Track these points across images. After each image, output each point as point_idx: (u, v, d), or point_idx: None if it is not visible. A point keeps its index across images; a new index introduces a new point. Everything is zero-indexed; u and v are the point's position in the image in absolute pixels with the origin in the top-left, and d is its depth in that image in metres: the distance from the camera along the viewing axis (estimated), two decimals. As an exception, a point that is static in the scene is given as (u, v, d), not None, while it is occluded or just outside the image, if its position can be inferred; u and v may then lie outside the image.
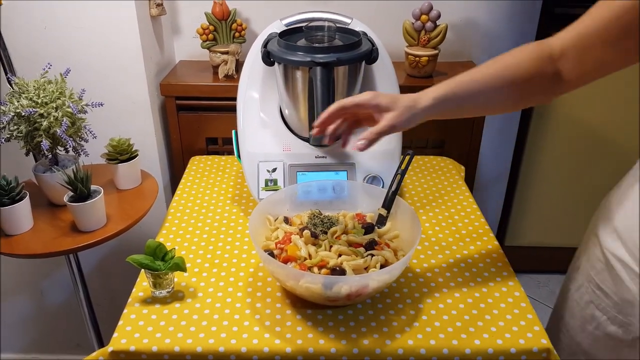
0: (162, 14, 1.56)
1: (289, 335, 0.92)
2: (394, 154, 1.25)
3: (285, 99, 1.22)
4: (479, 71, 0.89)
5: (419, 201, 1.34)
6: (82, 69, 1.47)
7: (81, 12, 1.42)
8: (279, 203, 1.11)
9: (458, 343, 0.90)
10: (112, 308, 1.89)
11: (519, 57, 0.88)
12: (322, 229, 1.02)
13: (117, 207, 1.31)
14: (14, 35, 1.43)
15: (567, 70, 0.85)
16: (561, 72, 0.86)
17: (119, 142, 1.34)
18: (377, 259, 0.95)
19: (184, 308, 0.98)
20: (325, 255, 0.94)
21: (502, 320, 0.95)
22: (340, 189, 1.16)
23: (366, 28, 1.26)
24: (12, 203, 1.17)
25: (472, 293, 1.02)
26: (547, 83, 0.87)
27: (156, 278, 0.98)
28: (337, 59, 1.10)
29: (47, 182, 1.27)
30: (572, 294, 1.02)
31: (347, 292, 0.89)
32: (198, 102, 1.60)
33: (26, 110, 1.15)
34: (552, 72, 0.86)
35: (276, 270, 0.94)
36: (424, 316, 0.96)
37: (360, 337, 0.92)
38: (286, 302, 0.99)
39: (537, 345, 0.91)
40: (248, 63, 1.28)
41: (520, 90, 0.89)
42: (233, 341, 0.90)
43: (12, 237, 1.20)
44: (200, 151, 1.66)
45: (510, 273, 1.08)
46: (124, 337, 0.91)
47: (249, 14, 1.70)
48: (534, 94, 0.90)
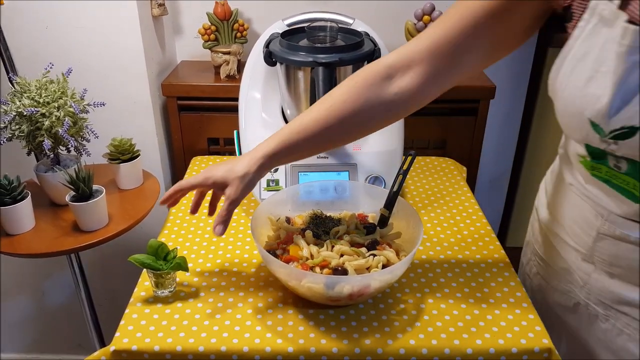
0: (163, 14, 1.56)
1: (291, 334, 0.92)
2: (395, 155, 1.26)
3: (287, 99, 1.22)
4: (309, 116, 0.88)
5: (421, 202, 1.34)
6: (84, 69, 1.47)
7: (83, 12, 1.42)
8: (280, 203, 1.11)
9: (459, 343, 0.90)
10: (114, 308, 1.89)
11: (342, 97, 0.87)
12: (324, 229, 1.02)
13: (118, 207, 1.31)
14: (15, 34, 1.43)
15: (417, 80, 0.86)
16: (408, 85, 0.87)
17: (120, 142, 1.34)
18: (379, 259, 0.95)
19: (186, 307, 0.98)
20: (327, 255, 0.94)
21: (503, 320, 0.95)
22: (342, 189, 1.16)
23: (368, 28, 1.26)
24: (14, 203, 1.17)
25: (474, 293, 1.02)
26: (388, 105, 0.88)
27: (158, 278, 0.98)
28: (340, 59, 1.10)
29: (49, 181, 1.27)
30: (524, 267, 1.12)
31: (349, 292, 0.89)
32: (200, 102, 1.60)
33: (28, 110, 1.16)
34: (392, 93, 0.87)
35: (278, 270, 0.94)
36: (425, 316, 0.96)
37: (362, 336, 0.92)
38: (288, 302, 0.99)
39: (539, 345, 0.90)
40: (250, 63, 1.28)
41: (357, 124, 0.90)
42: (235, 340, 0.90)
43: (14, 237, 1.20)
44: (202, 151, 1.66)
45: (511, 274, 1.08)
46: (126, 337, 0.91)
47: (250, 14, 1.70)
48: (376, 119, 0.91)
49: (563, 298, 1.00)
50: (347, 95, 0.87)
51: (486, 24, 0.82)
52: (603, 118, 0.74)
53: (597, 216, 0.87)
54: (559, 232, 0.99)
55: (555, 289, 1.02)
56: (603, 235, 0.86)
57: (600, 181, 0.84)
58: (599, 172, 0.84)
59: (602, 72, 0.73)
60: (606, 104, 0.73)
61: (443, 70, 0.86)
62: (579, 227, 0.92)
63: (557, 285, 1.01)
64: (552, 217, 1.02)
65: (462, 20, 0.82)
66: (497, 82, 1.59)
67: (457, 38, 0.83)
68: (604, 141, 0.76)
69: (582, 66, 0.76)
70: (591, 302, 0.94)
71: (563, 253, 0.98)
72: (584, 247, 0.91)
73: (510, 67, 1.79)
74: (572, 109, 0.79)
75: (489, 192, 2.05)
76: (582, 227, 0.91)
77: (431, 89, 0.88)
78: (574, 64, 0.78)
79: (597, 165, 0.83)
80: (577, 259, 0.94)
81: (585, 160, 0.85)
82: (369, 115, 0.88)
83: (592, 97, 0.75)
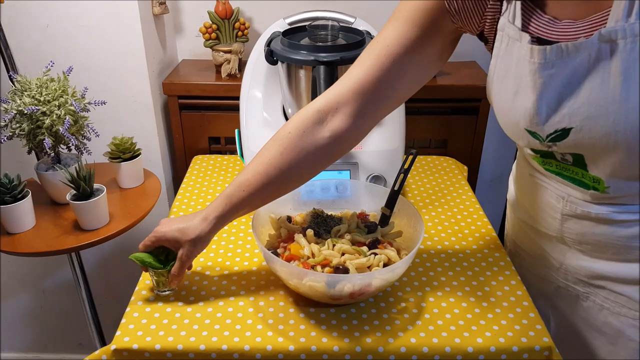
0: (164, 12, 1.56)
1: (292, 333, 0.92)
2: (396, 154, 1.25)
3: (289, 98, 1.22)
4: (250, 170, 0.91)
5: (422, 200, 1.34)
6: (85, 68, 1.47)
7: (83, 10, 1.42)
8: (282, 202, 1.11)
9: (460, 341, 0.90)
10: (114, 307, 1.90)
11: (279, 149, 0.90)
12: (325, 228, 1.02)
13: (119, 206, 1.31)
14: (16, 33, 1.43)
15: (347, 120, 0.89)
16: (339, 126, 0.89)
17: (121, 141, 1.34)
18: (380, 258, 0.95)
19: (187, 306, 0.97)
20: (329, 254, 0.94)
21: (504, 319, 0.95)
22: (343, 188, 1.16)
23: (369, 27, 1.26)
24: (14, 201, 1.17)
25: (475, 292, 1.02)
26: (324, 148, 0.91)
27: (159, 277, 0.98)
28: (341, 58, 1.10)
29: (50, 180, 1.27)
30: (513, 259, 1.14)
31: (350, 291, 0.89)
32: (201, 101, 1.60)
33: (28, 108, 1.16)
34: (325, 136, 0.90)
35: (280, 269, 0.94)
36: (426, 314, 0.96)
37: (363, 335, 0.91)
38: (289, 301, 0.99)
39: (539, 344, 0.90)
40: (251, 62, 1.28)
41: (296, 172, 0.92)
42: (236, 339, 0.90)
43: (14, 236, 1.20)
44: (203, 150, 1.66)
45: (512, 272, 1.08)
46: (127, 335, 0.91)
47: (252, 13, 1.70)
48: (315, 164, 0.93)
49: (544, 284, 1.06)
50: (283, 147, 0.89)
51: (403, 58, 0.87)
52: (537, 126, 0.80)
53: (558, 199, 0.92)
54: (529, 221, 1.04)
55: (536, 276, 1.08)
56: (567, 216, 0.92)
57: (552, 174, 0.90)
58: (551, 167, 0.90)
59: (523, 86, 0.79)
60: (534, 114, 0.78)
61: (370, 107, 0.90)
62: (545, 212, 0.97)
63: (537, 272, 1.07)
64: (521, 208, 1.08)
65: (380, 58, 0.86)
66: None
67: (378, 76, 0.87)
68: (544, 144, 0.82)
69: (507, 83, 0.82)
70: (570, 282, 0.99)
71: (537, 240, 1.03)
72: (553, 230, 0.96)
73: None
74: (508, 120, 0.85)
75: (490, 191, 2.05)
76: (547, 212, 0.96)
77: (362, 126, 0.92)
78: (500, 81, 0.84)
79: (548, 160, 0.89)
80: (550, 242, 1.00)
81: (537, 157, 0.91)
82: (307, 162, 0.91)
83: (521, 109, 0.80)
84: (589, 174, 0.83)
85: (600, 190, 0.84)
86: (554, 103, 0.77)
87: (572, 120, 0.76)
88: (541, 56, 0.74)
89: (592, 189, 0.85)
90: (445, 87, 1.59)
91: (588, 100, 0.73)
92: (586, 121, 0.75)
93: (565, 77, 0.74)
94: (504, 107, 0.85)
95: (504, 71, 0.83)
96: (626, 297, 0.92)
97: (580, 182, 0.86)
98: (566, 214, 0.92)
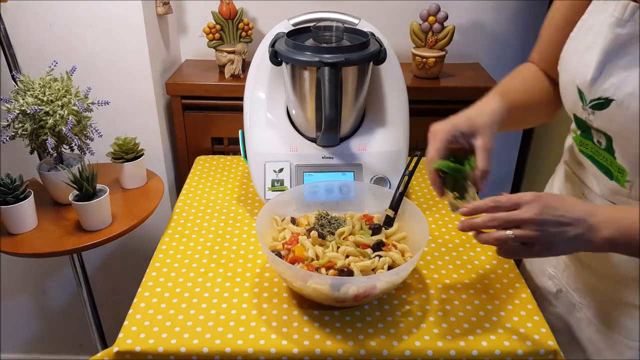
0: (168, 12, 1.56)
1: (296, 336, 0.91)
2: (401, 155, 1.25)
3: (293, 99, 1.22)
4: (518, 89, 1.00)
5: (426, 202, 1.33)
6: (88, 67, 1.47)
7: (87, 10, 1.42)
8: (285, 204, 1.11)
9: (465, 345, 0.90)
10: (116, 308, 1.89)
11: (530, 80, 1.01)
12: (329, 230, 1.02)
13: (122, 207, 1.30)
14: (19, 32, 1.43)
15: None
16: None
17: (124, 141, 1.34)
18: (384, 260, 0.94)
19: (190, 308, 0.97)
20: (333, 256, 0.94)
21: (509, 322, 0.95)
22: (347, 189, 1.15)
23: (374, 29, 1.25)
24: (17, 202, 1.17)
25: (479, 294, 1.02)
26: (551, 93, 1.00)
27: (459, 186, 0.89)
28: (345, 60, 1.09)
29: (52, 180, 1.27)
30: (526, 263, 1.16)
31: (354, 293, 0.89)
32: (204, 101, 1.60)
33: (31, 108, 1.15)
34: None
35: (284, 271, 0.93)
36: (431, 317, 0.96)
37: (367, 338, 0.91)
38: (293, 303, 0.98)
39: (544, 347, 0.90)
40: (255, 63, 1.28)
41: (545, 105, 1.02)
42: (240, 342, 0.89)
43: (16, 236, 1.19)
44: (206, 151, 1.66)
45: (517, 275, 1.07)
46: (130, 338, 0.90)
47: (255, 13, 1.69)
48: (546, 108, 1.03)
49: (549, 283, 1.07)
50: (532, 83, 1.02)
51: (570, 19, 0.90)
52: (587, 86, 0.81)
53: (579, 194, 0.94)
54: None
55: (543, 273, 1.09)
56: None
57: (586, 157, 0.91)
58: (585, 148, 0.90)
59: (598, 43, 0.79)
60: (592, 73, 0.79)
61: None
62: None
63: (545, 269, 1.08)
64: None
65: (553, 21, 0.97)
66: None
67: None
68: (584, 110, 0.83)
69: (585, 38, 0.83)
70: (570, 288, 1.01)
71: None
72: None
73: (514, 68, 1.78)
74: (568, 76, 0.87)
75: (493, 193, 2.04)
76: None
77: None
78: (581, 36, 0.85)
79: (585, 141, 0.89)
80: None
81: (577, 135, 0.91)
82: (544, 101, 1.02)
83: (584, 66, 0.81)
84: (616, 162, 0.82)
85: (621, 183, 0.84)
86: (610, 67, 0.77)
87: (617, 91, 0.76)
88: (620, 11, 0.75)
89: (615, 179, 0.85)
90: (449, 89, 1.58)
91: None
92: (628, 98, 0.75)
93: (630, 43, 0.75)
94: (570, 61, 0.86)
95: (587, 27, 0.83)
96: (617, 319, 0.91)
97: (607, 170, 0.85)
98: None
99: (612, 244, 0.75)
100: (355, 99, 1.20)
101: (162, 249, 1.14)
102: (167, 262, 1.09)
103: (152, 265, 1.09)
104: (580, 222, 0.74)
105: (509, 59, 1.77)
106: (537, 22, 1.74)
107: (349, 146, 1.24)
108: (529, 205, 0.75)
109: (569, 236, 0.74)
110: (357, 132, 1.26)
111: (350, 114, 1.22)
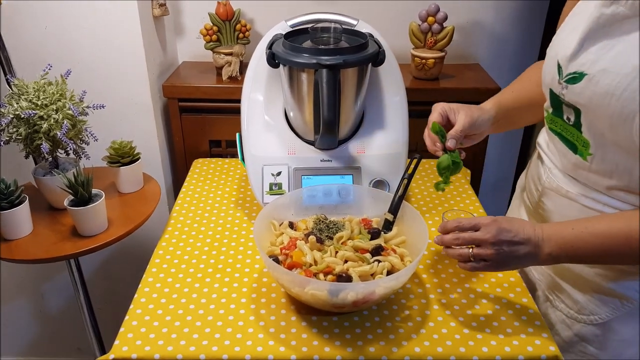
0: (165, 14, 1.55)
1: (294, 342, 0.90)
2: (400, 158, 1.24)
3: (290, 101, 1.21)
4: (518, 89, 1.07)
5: (425, 205, 1.32)
6: (83, 70, 1.46)
7: (82, 12, 1.41)
8: (283, 207, 1.10)
9: (466, 350, 0.89)
10: (113, 312, 1.88)
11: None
12: (327, 234, 1.01)
13: (118, 211, 1.29)
14: (13, 35, 1.42)
15: None
16: None
17: (120, 145, 1.33)
18: (383, 265, 0.93)
19: (187, 314, 0.96)
20: (331, 262, 0.93)
21: (509, 327, 0.94)
22: (346, 193, 1.14)
23: (372, 29, 1.24)
24: (11, 207, 1.16)
25: (480, 299, 1.01)
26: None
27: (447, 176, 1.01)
28: (344, 61, 1.08)
29: (47, 185, 1.25)
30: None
31: (353, 299, 0.87)
32: (201, 104, 1.59)
33: (26, 113, 1.14)
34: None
35: (281, 277, 0.92)
36: (430, 323, 0.95)
37: (366, 344, 0.90)
38: (291, 309, 0.97)
39: (546, 353, 0.89)
40: (252, 64, 1.26)
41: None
42: (237, 349, 0.88)
43: (12, 242, 1.18)
44: (204, 154, 1.65)
45: (517, 279, 1.06)
46: (126, 345, 0.89)
47: (253, 15, 1.68)
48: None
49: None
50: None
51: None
52: (566, 61, 0.86)
53: (544, 170, 1.01)
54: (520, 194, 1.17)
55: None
56: (547, 189, 1.00)
57: (554, 134, 0.97)
58: (555, 126, 0.96)
59: (582, 22, 0.84)
60: (572, 48, 0.84)
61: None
62: (533, 183, 1.06)
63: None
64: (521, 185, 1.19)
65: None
66: (501, 83, 1.57)
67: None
68: (560, 84, 0.89)
69: (573, 19, 0.90)
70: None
71: (518, 213, 1.16)
72: (532, 203, 1.07)
73: (514, 69, 1.77)
74: (552, 53, 0.93)
75: (493, 195, 2.04)
76: (535, 183, 1.06)
77: None
78: (571, 19, 0.91)
79: (555, 119, 0.95)
80: (524, 215, 1.12)
81: (548, 114, 0.97)
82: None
83: (567, 42, 0.87)
84: (582, 136, 0.88)
85: (584, 156, 0.89)
86: (588, 43, 0.82)
87: (591, 66, 0.81)
88: None
89: (579, 153, 0.90)
90: (449, 90, 1.57)
91: (615, 55, 0.78)
92: (600, 73, 0.79)
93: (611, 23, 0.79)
94: (557, 38, 0.93)
95: (578, 12, 0.89)
96: (567, 293, 0.99)
97: (573, 144, 0.91)
98: (546, 186, 0.99)
99: (554, 259, 0.86)
100: (354, 101, 1.19)
101: (158, 253, 1.13)
102: (163, 268, 1.08)
103: (148, 271, 1.08)
104: (529, 241, 0.85)
105: (509, 59, 1.76)
106: (537, 22, 1.74)
107: (348, 149, 1.23)
108: (486, 228, 0.86)
109: (519, 254, 0.85)
110: (356, 135, 1.25)
111: (348, 116, 1.21)
